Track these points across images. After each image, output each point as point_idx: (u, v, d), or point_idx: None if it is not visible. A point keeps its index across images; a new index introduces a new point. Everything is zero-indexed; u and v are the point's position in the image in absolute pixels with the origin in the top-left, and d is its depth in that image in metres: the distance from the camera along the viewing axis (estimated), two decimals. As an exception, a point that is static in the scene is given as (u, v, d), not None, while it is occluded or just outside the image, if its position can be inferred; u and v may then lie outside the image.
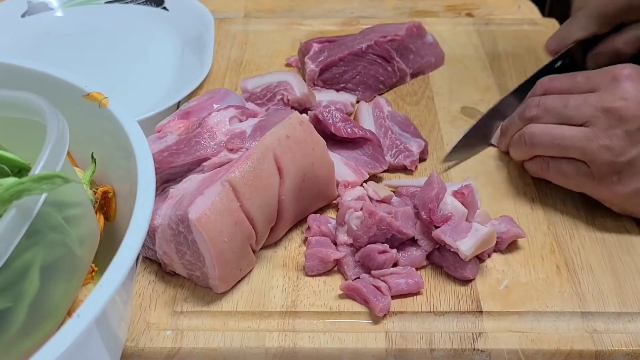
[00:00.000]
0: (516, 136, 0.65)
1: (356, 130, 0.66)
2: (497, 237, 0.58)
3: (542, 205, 0.64)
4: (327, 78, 0.77)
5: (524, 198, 0.65)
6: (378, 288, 0.54)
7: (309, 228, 0.60)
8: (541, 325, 0.53)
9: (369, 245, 0.56)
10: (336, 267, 0.58)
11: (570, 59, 0.74)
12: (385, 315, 0.53)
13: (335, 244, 0.59)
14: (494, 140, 0.71)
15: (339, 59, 0.77)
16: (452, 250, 0.56)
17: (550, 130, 0.61)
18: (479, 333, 0.52)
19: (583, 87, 0.61)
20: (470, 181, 0.60)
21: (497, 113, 0.72)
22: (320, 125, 0.66)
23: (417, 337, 0.52)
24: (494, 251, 0.59)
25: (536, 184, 0.66)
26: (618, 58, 0.71)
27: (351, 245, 0.58)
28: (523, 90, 0.70)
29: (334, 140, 0.67)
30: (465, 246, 0.55)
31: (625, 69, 0.60)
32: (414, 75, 0.82)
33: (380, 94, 0.79)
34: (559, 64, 0.74)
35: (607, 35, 0.73)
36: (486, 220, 0.60)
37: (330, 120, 0.66)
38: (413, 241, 0.58)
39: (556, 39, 0.75)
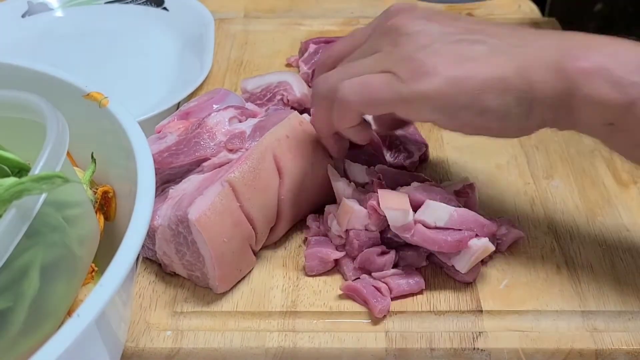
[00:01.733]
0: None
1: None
2: (497, 240, 0.58)
3: (542, 204, 0.64)
4: (320, 80, 0.77)
5: (524, 197, 0.65)
6: (378, 289, 0.54)
7: (308, 228, 0.60)
8: (541, 324, 0.53)
9: (367, 250, 0.56)
10: (336, 267, 0.58)
11: None
12: (385, 316, 0.53)
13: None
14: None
15: None
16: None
17: (356, 81, 0.53)
18: (479, 332, 0.52)
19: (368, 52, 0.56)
20: (470, 180, 0.60)
21: None
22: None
23: (417, 337, 0.52)
24: (495, 252, 0.59)
25: (536, 182, 0.66)
26: None
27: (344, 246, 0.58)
28: None
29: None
30: (460, 264, 0.55)
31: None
32: None
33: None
34: None
35: None
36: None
37: None
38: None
39: None
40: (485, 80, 0.50)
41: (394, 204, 0.54)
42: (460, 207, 0.56)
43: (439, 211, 0.54)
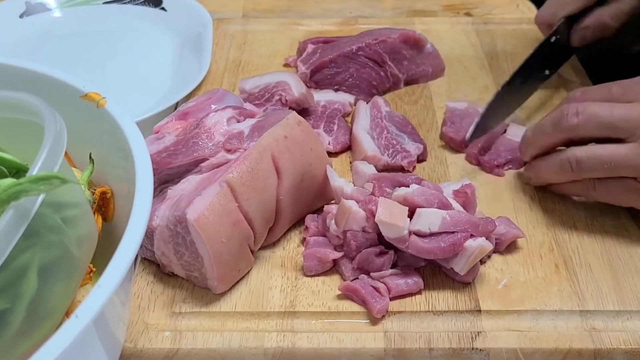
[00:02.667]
0: (555, 159, 0.61)
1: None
2: (496, 239, 0.58)
3: (541, 204, 0.64)
4: (318, 79, 0.77)
5: (523, 197, 0.65)
6: (376, 289, 0.54)
7: (306, 228, 0.60)
8: (540, 324, 0.53)
9: (365, 250, 0.56)
10: (335, 267, 0.58)
11: (560, 34, 0.74)
12: (383, 316, 0.53)
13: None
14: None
15: (329, 60, 0.77)
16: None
17: (597, 152, 0.57)
18: (478, 332, 0.52)
19: (621, 98, 0.58)
20: (468, 180, 0.60)
21: (508, 91, 0.70)
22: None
23: (416, 337, 0.52)
24: (493, 252, 0.59)
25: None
26: (604, 31, 0.71)
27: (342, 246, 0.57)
28: (526, 69, 0.70)
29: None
30: (459, 266, 0.55)
31: None
32: (407, 82, 0.81)
33: (374, 98, 0.79)
34: (553, 39, 0.73)
35: (592, 9, 0.72)
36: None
37: None
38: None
39: (550, 11, 0.74)
40: None
41: (389, 218, 0.54)
42: (453, 209, 0.56)
43: (431, 217, 0.54)
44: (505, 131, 0.71)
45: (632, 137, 0.56)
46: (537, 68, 0.74)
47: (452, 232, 0.54)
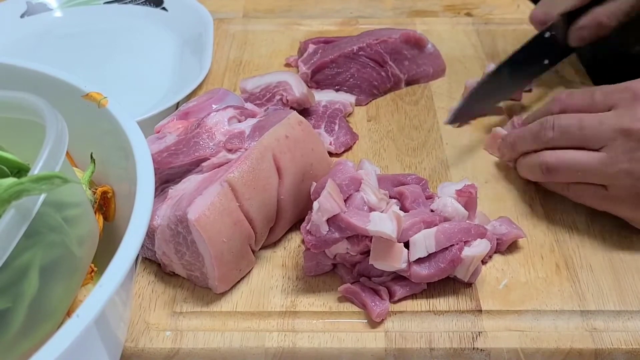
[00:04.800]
0: (529, 161, 0.63)
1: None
2: (497, 239, 0.58)
3: (542, 204, 0.64)
4: (319, 79, 0.77)
5: (524, 197, 0.65)
6: (377, 292, 0.54)
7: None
8: (541, 324, 0.53)
9: (365, 259, 0.55)
10: (335, 269, 0.58)
11: (555, 31, 0.74)
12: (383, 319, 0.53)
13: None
14: (485, 146, 0.71)
15: (330, 60, 0.77)
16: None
17: (567, 158, 0.59)
18: (479, 332, 0.52)
19: (601, 105, 0.59)
20: (468, 181, 0.60)
21: (494, 80, 0.72)
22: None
23: (417, 337, 0.52)
24: (494, 252, 0.59)
25: (536, 183, 0.66)
26: (601, 30, 0.71)
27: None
28: (517, 58, 0.71)
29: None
30: (461, 274, 0.55)
31: None
32: (409, 82, 0.81)
33: (374, 98, 0.79)
34: (547, 34, 0.74)
35: (589, 8, 0.72)
36: (485, 221, 0.60)
37: None
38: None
39: (543, 9, 0.75)
40: None
41: (384, 259, 0.53)
42: (437, 221, 0.56)
43: (426, 240, 0.54)
44: None
45: (603, 148, 0.58)
46: (529, 61, 0.74)
47: (448, 248, 0.54)
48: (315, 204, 0.52)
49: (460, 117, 0.72)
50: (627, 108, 0.57)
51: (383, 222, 0.52)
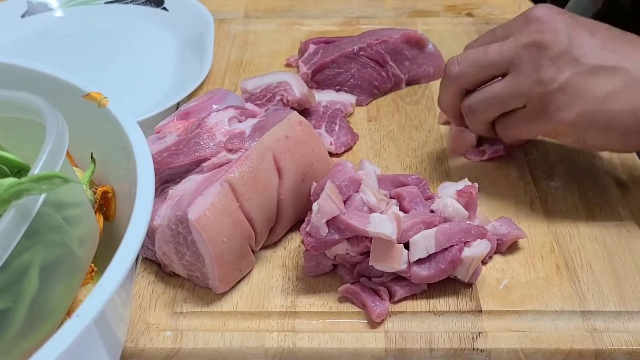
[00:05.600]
0: (458, 111, 0.65)
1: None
2: (498, 240, 0.58)
3: (542, 204, 0.64)
4: (320, 80, 0.77)
5: (524, 197, 0.65)
6: (377, 292, 0.54)
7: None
8: (541, 324, 0.53)
9: (365, 259, 0.55)
10: (335, 269, 0.58)
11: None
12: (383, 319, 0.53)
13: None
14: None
15: (330, 60, 0.77)
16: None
17: (483, 92, 0.61)
18: (479, 332, 0.52)
19: (502, 37, 0.61)
20: (468, 181, 0.60)
21: None
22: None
23: (417, 337, 0.52)
24: (495, 252, 0.59)
25: (536, 183, 0.66)
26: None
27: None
28: None
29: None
30: (461, 275, 0.55)
31: (536, 9, 0.60)
32: (409, 82, 0.81)
33: (375, 99, 0.79)
34: None
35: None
36: (485, 222, 0.59)
37: None
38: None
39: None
40: (618, 112, 0.56)
41: (384, 261, 0.53)
42: (437, 222, 0.56)
43: (425, 241, 0.54)
44: None
45: (510, 69, 0.59)
46: None
47: (448, 249, 0.54)
48: (315, 206, 0.52)
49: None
50: (523, 29, 0.59)
51: (383, 223, 0.52)
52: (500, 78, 0.61)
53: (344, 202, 0.54)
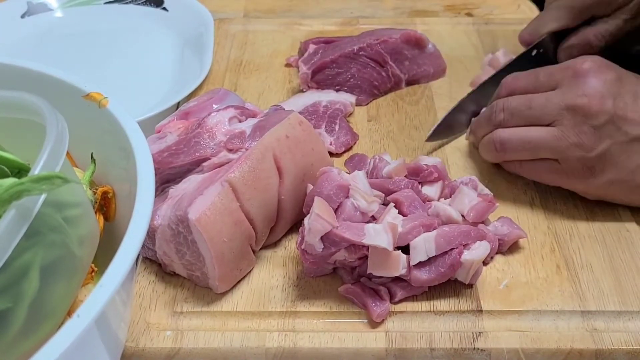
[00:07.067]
0: (485, 140, 0.65)
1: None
2: (499, 240, 0.58)
3: (542, 204, 0.64)
4: (320, 80, 0.77)
5: (524, 197, 0.65)
6: (377, 292, 0.54)
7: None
8: (541, 324, 0.53)
9: (365, 262, 0.55)
10: (335, 270, 0.58)
11: (544, 49, 0.75)
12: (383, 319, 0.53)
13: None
14: (466, 136, 0.72)
15: (330, 60, 0.77)
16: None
17: (519, 134, 0.62)
18: (479, 332, 0.52)
19: (546, 85, 0.62)
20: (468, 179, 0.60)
21: (475, 98, 0.73)
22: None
23: (417, 337, 0.52)
24: (495, 252, 0.59)
25: (536, 183, 0.66)
26: (589, 50, 0.72)
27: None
28: (499, 77, 0.70)
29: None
30: (462, 277, 0.55)
31: (585, 63, 0.60)
32: (409, 82, 0.81)
33: (375, 99, 0.79)
34: (534, 52, 0.75)
35: (579, 27, 0.74)
36: (486, 222, 0.59)
37: None
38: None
39: (529, 30, 0.76)
40: None
41: (382, 268, 0.53)
42: (436, 225, 0.55)
43: (426, 244, 0.54)
44: None
45: (553, 123, 0.60)
46: None
47: (448, 252, 0.54)
48: (306, 225, 0.52)
49: (440, 133, 0.71)
50: (569, 85, 0.60)
51: (378, 234, 0.52)
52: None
53: (336, 210, 0.54)
